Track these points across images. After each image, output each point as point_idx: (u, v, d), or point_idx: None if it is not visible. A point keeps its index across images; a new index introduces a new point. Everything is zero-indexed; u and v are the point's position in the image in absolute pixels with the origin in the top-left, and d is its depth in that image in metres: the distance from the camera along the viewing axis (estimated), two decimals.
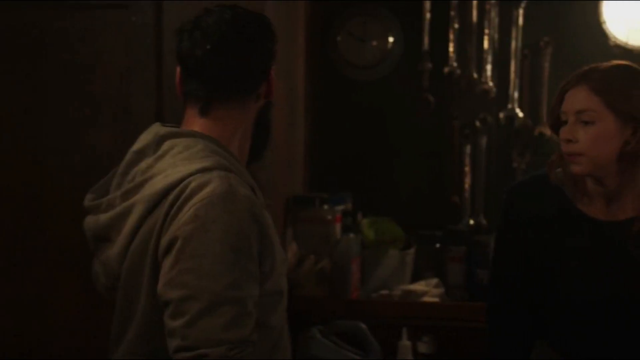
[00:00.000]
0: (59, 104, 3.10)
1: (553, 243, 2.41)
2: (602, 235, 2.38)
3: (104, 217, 1.98)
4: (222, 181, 1.86)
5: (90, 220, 2.02)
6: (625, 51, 3.67)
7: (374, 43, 3.92)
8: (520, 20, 3.80)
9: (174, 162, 1.92)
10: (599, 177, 2.34)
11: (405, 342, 3.31)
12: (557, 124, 2.37)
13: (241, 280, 1.80)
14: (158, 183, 1.91)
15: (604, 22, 3.70)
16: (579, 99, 2.31)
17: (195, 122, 2.02)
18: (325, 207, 3.64)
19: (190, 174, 1.88)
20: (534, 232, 2.43)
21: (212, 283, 1.78)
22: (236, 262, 1.81)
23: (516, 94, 3.84)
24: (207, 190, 1.85)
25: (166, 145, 1.97)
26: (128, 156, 2.02)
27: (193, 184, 1.86)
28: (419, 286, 3.57)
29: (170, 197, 1.88)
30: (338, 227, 3.64)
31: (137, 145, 2.02)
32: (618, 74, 2.32)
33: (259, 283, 1.87)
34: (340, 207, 3.70)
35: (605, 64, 2.36)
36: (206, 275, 1.79)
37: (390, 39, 3.91)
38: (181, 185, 1.87)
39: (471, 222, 3.87)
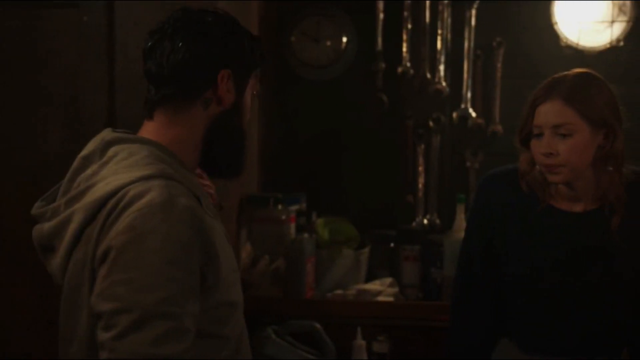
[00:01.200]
0: (8, 104, 3.06)
1: (520, 232, 2.49)
2: (569, 225, 2.46)
3: (47, 226, 1.90)
4: (161, 190, 1.77)
5: (36, 229, 1.94)
6: (576, 52, 3.71)
7: (328, 43, 3.93)
8: (473, 21, 3.83)
9: (117, 169, 1.85)
10: (571, 182, 2.42)
11: (360, 342, 3.32)
12: (527, 137, 2.42)
13: (177, 295, 1.71)
14: (98, 191, 1.83)
15: (556, 23, 3.74)
16: (554, 113, 2.36)
17: (144, 127, 1.97)
18: (280, 207, 3.63)
19: (130, 182, 1.80)
20: (503, 221, 2.51)
21: (145, 296, 1.69)
22: (173, 276, 1.72)
23: (469, 94, 3.86)
24: (145, 199, 1.76)
25: (111, 151, 1.89)
26: (75, 162, 1.94)
27: (131, 193, 1.78)
28: (373, 285, 3.58)
29: (109, 205, 1.80)
30: (292, 227, 3.64)
31: (84, 151, 1.94)
32: (583, 83, 2.39)
33: (201, 297, 1.80)
34: (294, 207, 3.70)
35: (568, 74, 2.42)
36: (139, 288, 1.69)
37: (344, 39, 3.92)
38: (119, 194, 1.79)
39: (425, 221, 3.89)
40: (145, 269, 1.70)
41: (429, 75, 3.87)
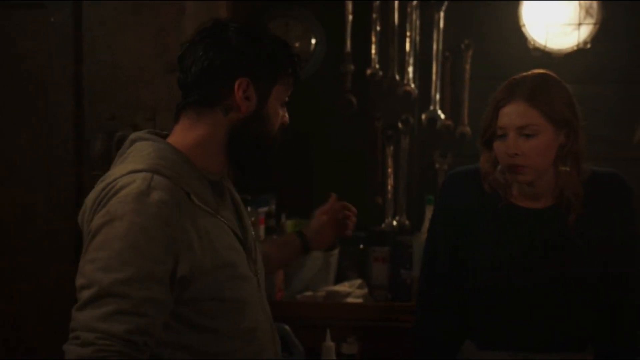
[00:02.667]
0: None
1: (482, 231, 2.51)
2: (530, 222, 2.49)
3: (80, 212, 2.04)
4: (142, 182, 1.91)
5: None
6: (543, 54, 3.73)
7: (297, 44, 3.91)
8: (441, 23, 3.84)
9: (124, 163, 2.01)
10: (534, 181, 2.45)
11: (329, 343, 3.32)
12: (490, 139, 2.43)
13: (134, 279, 1.85)
14: (104, 182, 1.99)
15: (524, 26, 3.76)
16: (518, 114, 2.39)
17: (173, 130, 2.10)
18: (249, 209, 3.62)
19: (122, 175, 1.95)
20: (465, 220, 2.53)
21: (103, 275, 1.85)
22: (133, 261, 1.86)
23: (438, 96, 3.87)
24: (126, 189, 1.90)
25: (131, 148, 2.05)
26: (115, 158, 2.11)
27: (119, 183, 1.93)
28: (342, 287, 3.58)
29: (102, 194, 1.95)
30: (262, 229, 3.63)
31: (121, 149, 2.11)
32: (544, 84, 2.43)
33: (177, 287, 1.92)
34: (263, 209, 3.69)
35: (527, 75, 2.45)
36: (100, 267, 1.86)
37: (313, 41, 3.91)
38: (111, 184, 1.94)
39: (394, 222, 3.89)
40: (109, 251, 1.86)
41: (397, 77, 3.87)
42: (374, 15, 3.87)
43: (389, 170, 3.91)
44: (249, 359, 2.08)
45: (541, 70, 2.48)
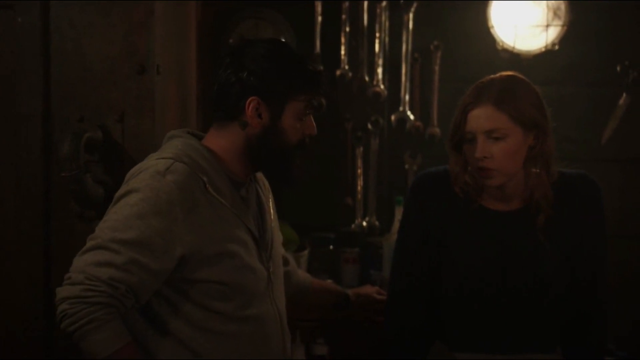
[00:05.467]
0: None
1: (452, 233, 2.52)
2: (499, 224, 2.50)
3: None
4: (162, 166, 2.19)
5: None
6: (512, 55, 3.75)
7: None
8: (411, 24, 3.85)
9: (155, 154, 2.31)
10: (504, 183, 2.46)
11: (299, 344, 3.31)
12: (459, 142, 2.44)
13: (133, 242, 2.13)
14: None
15: (492, 27, 3.77)
16: (486, 118, 2.40)
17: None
18: None
19: (150, 161, 2.24)
20: (435, 222, 2.54)
21: (106, 232, 2.15)
22: (136, 227, 2.14)
23: (407, 97, 3.89)
24: (147, 170, 2.19)
25: (167, 143, 2.34)
26: None
27: (144, 167, 2.22)
28: None
29: (129, 175, 2.26)
30: None
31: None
32: (511, 87, 2.42)
33: (176, 264, 2.18)
34: None
35: (495, 78, 2.46)
36: (107, 226, 2.17)
37: None
38: (138, 167, 2.24)
39: (364, 223, 3.90)
40: (119, 215, 2.17)
41: (367, 78, 3.89)
42: (343, 17, 3.88)
43: (359, 171, 3.93)
44: (253, 344, 2.30)
45: (509, 73, 2.48)
